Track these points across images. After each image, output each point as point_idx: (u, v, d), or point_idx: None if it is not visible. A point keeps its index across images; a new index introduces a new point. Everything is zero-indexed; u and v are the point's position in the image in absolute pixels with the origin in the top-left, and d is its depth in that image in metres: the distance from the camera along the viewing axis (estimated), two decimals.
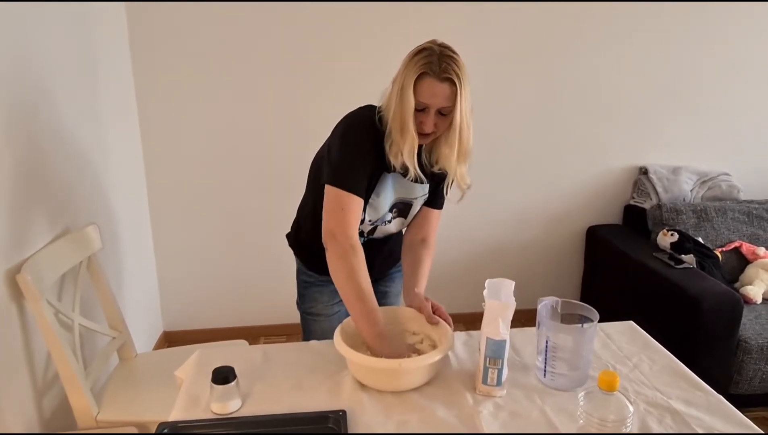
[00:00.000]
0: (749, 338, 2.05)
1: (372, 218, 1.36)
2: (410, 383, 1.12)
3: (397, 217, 1.41)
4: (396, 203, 1.38)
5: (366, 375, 1.13)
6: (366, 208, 1.32)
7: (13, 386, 1.44)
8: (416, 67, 1.17)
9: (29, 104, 1.56)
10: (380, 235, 1.44)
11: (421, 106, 1.18)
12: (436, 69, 1.15)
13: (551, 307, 1.16)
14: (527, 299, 1.52)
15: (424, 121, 1.20)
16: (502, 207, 2.78)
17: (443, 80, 1.16)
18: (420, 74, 1.16)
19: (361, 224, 1.35)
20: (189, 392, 1.11)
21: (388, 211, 1.38)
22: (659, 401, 1.09)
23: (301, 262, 1.53)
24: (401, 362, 1.09)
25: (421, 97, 1.17)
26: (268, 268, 2.70)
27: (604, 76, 2.63)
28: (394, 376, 1.10)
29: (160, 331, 2.71)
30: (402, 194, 1.36)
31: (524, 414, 1.05)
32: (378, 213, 1.36)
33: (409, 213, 1.42)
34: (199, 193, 2.57)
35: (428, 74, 1.16)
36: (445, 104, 1.18)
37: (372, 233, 1.42)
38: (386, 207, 1.36)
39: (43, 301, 1.40)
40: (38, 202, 1.59)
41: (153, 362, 1.83)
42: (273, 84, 2.46)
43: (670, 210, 2.53)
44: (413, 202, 1.39)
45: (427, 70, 1.16)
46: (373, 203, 1.33)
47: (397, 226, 1.43)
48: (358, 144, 1.26)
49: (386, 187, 1.33)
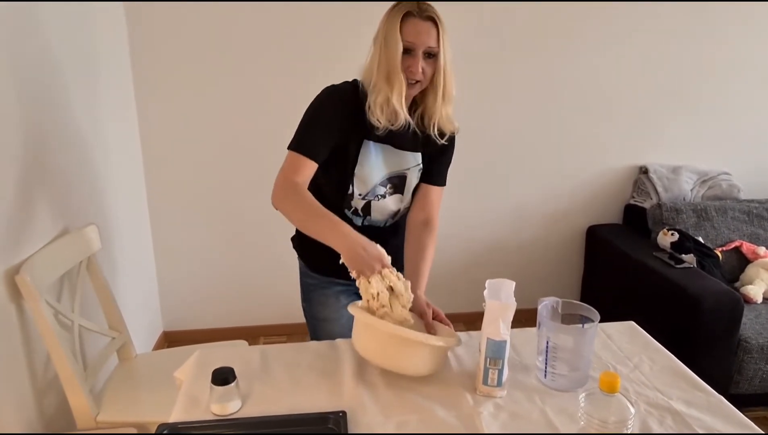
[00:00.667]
0: (749, 338, 2.05)
1: (361, 191, 1.34)
2: (419, 364, 1.10)
3: (394, 193, 1.38)
4: (390, 178, 1.36)
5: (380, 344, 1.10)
6: (353, 181, 1.31)
7: (12, 387, 1.43)
8: (398, 12, 1.21)
9: (28, 104, 1.56)
10: (380, 218, 1.40)
11: (408, 47, 1.21)
12: (417, 10, 1.20)
13: (552, 307, 1.16)
14: (527, 298, 1.51)
15: (411, 64, 1.21)
16: (502, 206, 2.78)
17: (426, 19, 1.21)
18: (404, 15, 1.20)
19: (352, 199, 1.34)
20: (189, 393, 1.11)
21: (380, 185, 1.35)
22: (660, 402, 1.09)
23: (305, 263, 1.50)
24: (428, 337, 1.08)
25: (408, 36, 1.20)
26: (267, 267, 2.70)
27: (604, 75, 2.63)
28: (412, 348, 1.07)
29: (160, 331, 2.71)
30: (394, 167, 1.35)
31: (525, 415, 1.05)
32: (366, 185, 1.33)
33: (405, 187, 1.39)
34: (198, 193, 2.56)
35: (412, 14, 1.20)
36: (430, 43, 1.21)
37: (368, 212, 1.38)
38: (375, 179, 1.33)
39: (42, 301, 1.40)
40: (37, 202, 1.59)
41: (153, 363, 1.83)
42: (273, 83, 2.46)
43: (671, 209, 2.52)
44: (407, 174, 1.37)
45: (410, 10, 1.20)
46: (358, 174, 1.31)
47: (395, 202, 1.40)
48: (324, 108, 1.28)
49: (372, 157, 1.31)
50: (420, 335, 1.08)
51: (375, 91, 1.23)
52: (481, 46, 2.52)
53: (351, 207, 1.36)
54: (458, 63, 2.54)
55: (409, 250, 1.39)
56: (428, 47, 1.22)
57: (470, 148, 2.66)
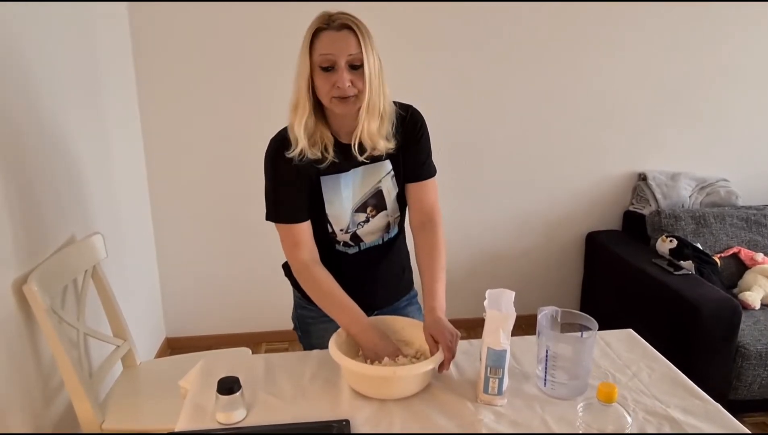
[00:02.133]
0: (748, 344, 2.06)
1: (341, 227, 1.27)
2: (404, 391, 1.13)
3: (376, 213, 1.29)
4: (367, 201, 1.27)
5: (359, 382, 1.14)
6: (329, 221, 1.27)
7: (19, 394, 1.45)
8: (308, 32, 1.11)
9: (33, 114, 1.58)
10: (374, 239, 1.34)
11: (327, 63, 1.09)
12: (329, 22, 1.10)
13: (551, 316, 1.18)
14: (527, 305, 1.53)
15: (337, 80, 1.09)
16: (501, 213, 2.80)
17: (340, 28, 1.09)
18: (315, 32, 1.10)
19: (336, 236, 1.30)
20: (194, 402, 1.13)
21: (358, 213, 1.27)
22: (658, 410, 1.10)
23: (301, 294, 1.39)
24: (395, 370, 1.10)
25: (321, 50, 1.09)
26: (269, 274, 2.70)
27: (603, 83, 2.66)
28: (387, 383, 1.11)
29: (163, 338, 2.72)
30: (364, 188, 1.26)
31: (525, 423, 1.07)
32: (342, 220, 1.27)
33: (386, 201, 1.29)
34: (200, 201, 2.58)
35: (323, 29, 1.10)
36: (351, 51, 1.08)
37: (359, 240, 1.32)
38: (349, 209, 1.26)
39: (48, 310, 1.42)
40: (44, 212, 1.61)
41: (157, 370, 1.85)
42: (279, 92, 2.48)
43: (669, 216, 2.54)
44: (381, 187, 1.27)
45: (321, 25, 1.10)
46: (330, 213, 1.25)
47: (382, 219, 1.31)
48: (273, 173, 1.23)
49: (337, 189, 1.23)
50: (400, 370, 1.10)
51: (288, 123, 1.18)
52: (481, 54, 2.55)
53: (339, 242, 1.32)
54: (457, 69, 2.58)
55: (420, 264, 1.31)
56: (349, 56, 1.09)
57: (470, 156, 2.69)
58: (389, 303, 1.46)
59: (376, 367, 1.13)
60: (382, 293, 1.43)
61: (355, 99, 1.13)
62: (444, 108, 2.54)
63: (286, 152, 1.18)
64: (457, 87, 2.57)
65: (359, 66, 1.10)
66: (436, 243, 1.31)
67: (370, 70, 1.10)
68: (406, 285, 1.50)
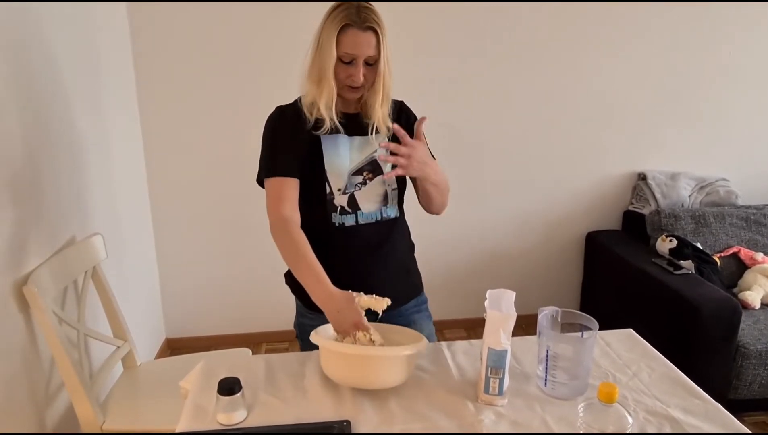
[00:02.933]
0: (748, 344, 2.07)
1: (339, 186, 1.31)
2: (382, 378, 1.11)
3: (373, 177, 1.34)
4: (363, 166, 1.33)
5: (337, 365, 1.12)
6: (327, 179, 1.30)
7: (19, 396, 1.45)
8: (337, 20, 1.20)
9: (33, 115, 1.58)
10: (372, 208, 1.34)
11: (348, 58, 1.22)
12: (357, 20, 1.19)
13: (551, 316, 1.18)
14: (527, 305, 1.53)
15: (353, 73, 1.23)
16: (501, 213, 2.80)
17: (366, 30, 1.20)
18: (342, 27, 1.19)
19: (334, 198, 1.31)
20: (195, 403, 1.13)
21: (355, 175, 1.32)
22: (658, 410, 1.10)
23: (302, 301, 1.41)
24: (369, 349, 1.09)
25: (347, 48, 1.21)
26: (269, 275, 2.71)
27: (603, 83, 2.66)
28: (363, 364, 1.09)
29: (163, 338, 2.73)
30: (361, 155, 1.33)
31: (525, 423, 1.07)
32: (341, 177, 1.31)
33: (382, 169, 1.35)
34: (200, 201, 2.58)
35: (351, 25, 1.19)
36: (371, 53, 1.22)
37: (356, 206, 1.32)
38: (345, 169, 1.31)
39: (48, 312, 1.42)
40: (43, 213, 1.61)
41: (157, 371, 1.85)
42: (279, 90, 2.47)
43: (669, 216, 2.55)
44: (375, 157, 1.34)
45: (349, 21, 1.19)
46: (329, 169, 1.30)
47: (379, 185, 1.34)
48: (275, 127, 1.32)
49: (337, 149, 1.31)
50: (384, 350, 1.09)
51: (305, 93, 1.29)
52: (480, 54, 2.55)
53: (336, 208, 1.32)
54: (457, 69, 2.59)
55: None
56: (368, 56, 1.22)
57: (470, 156, 2.70)
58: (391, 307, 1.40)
59: (353, 346, 1.10)
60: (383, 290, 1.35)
61: (362, 89, 1.28)
62: (443, 108, 2.54)
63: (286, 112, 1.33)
64: (456, 87, 2.57)
65: (374, 63, 1.24)
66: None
67: (384, 67, 1.25)
68: (412, 288, 1.47)
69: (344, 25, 1.19)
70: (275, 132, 1.32)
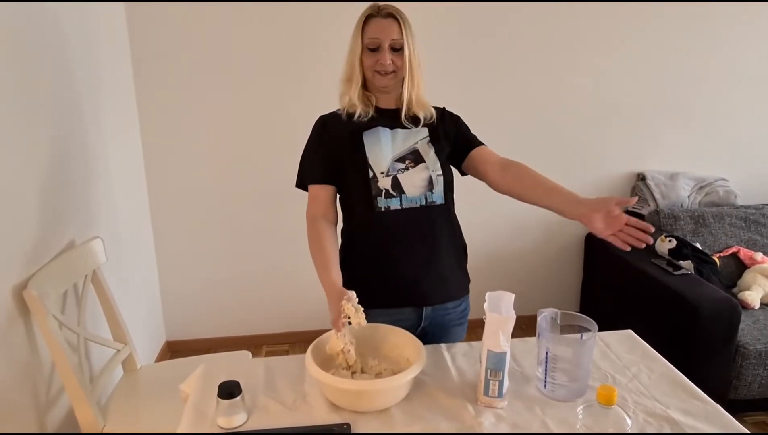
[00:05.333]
0: (748, 344, 2.07)
1: (382, 169, 1.33)
2: (381, 404, 1.10)
3: (416, 164, 1.35)
4: (405, 155, 1.36)
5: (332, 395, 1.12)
6: (370, 164, 1.34)
7: (20, 400, 1.45)
8: (361, 18, 1.35)
9: (30, 118, 1.58)
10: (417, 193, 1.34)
11: (373, 45, 1.32)
12: (377, 10, 1.34)
13: (551, 318, 1.18)
14: (526, 306, 1.54)
15: (381, 59, 1.32)
16: (501, 214, 2.80)
17: (386, 16, 1.33)
18: (365, 18, 1.34)
19: (378, 181, 1.32)
20: (195, 406, 1.13)
21: (396, 162, 1.34)
22: (658, 411, 1.10)
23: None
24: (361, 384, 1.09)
25: (371, 33, 1.32)
26: (269, 277, 2.72)
27: (602, 83, 2.66)
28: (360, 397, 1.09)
29: (163, 341, 2.73)
30: (402, 146, 1.37)
31: (525, 425, 1.07)
32: (383, 161, 1.34)
33: (424, 157, 1.37)
34: (200, 204, 2.59)
35: (372, 15, 1.33)
36: (394, 36, 1.31)
37: (401, 190, 1.33)
38: (388, 155, 1.35)
39: (49, 316, 1.42)
40: (43, 217, 1.61)
41: (157, 374, 1.85)
42: (278, 92, 2.49)
43: (668, 216, 2.55)
44: (417, 147, 1.38)
45: (371, 12, 1.34)
46: (371, 154, 1.35)
47: (423, 170, 1.35)
48: (312, 136, 1.43)
49: (377, 142, 1.36)
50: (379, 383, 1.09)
51: (342, 93, 1.40)
52: (480, 53, 2.55)
53: (381, 191, 1.33)
54: (455, 69, 2.58)
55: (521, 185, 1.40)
56: (392, 40, 1.31)
57: None
58: (438, 300, 1.39)
59: (350, 381, 1.11)
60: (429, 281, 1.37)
61: (393, 75, 1.34)
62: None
63: (325, 118, 1.43)
64: (455, 87, 2.57)
65: (400, 49, 1.33)
66: (527, 167, 1.41)
67: (409, 51, 1.33)
68: (459, 286, 1.45)
69: (367, 16, 1.33)
70: (309, 142, 1.43)
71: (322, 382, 1.10)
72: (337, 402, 1.11)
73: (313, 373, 1.09)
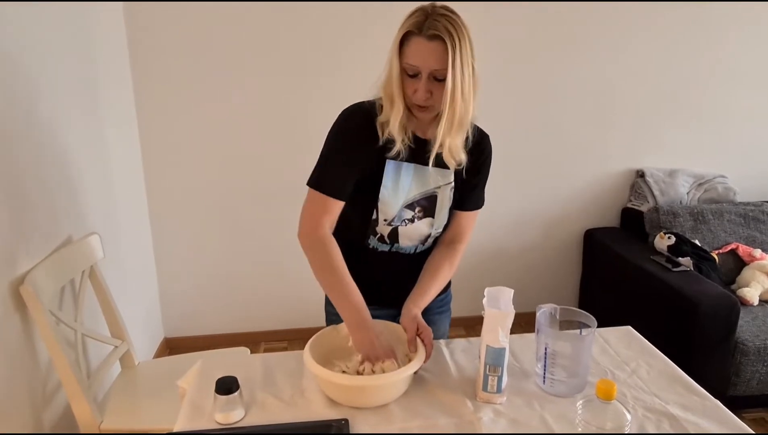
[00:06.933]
0: (746, 340, 2.07)
1: (386, 217, 1.24)
2: (378, 400, 1.10)
3: (424, 216, 1.26)
4: (418, 200, 1.24)
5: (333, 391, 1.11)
6: (377, 206, 1.23)
7: (17, 396, 1.45)
8: (404, 27, 1.08)
9: (29, 115, 1.57)
10: (409, 244, 1.30)
11: (411, 71, 1.09)
12: (422, 27, 1.05)
13: (550, 314, 1.18)
14: (525, 302, 1.53)
15: (418, 88, 1.09)
16: (500, 210, 2.80)
17: (431, 38, 1.05)
18: (405, 34, 1.08)
19: (377, 226, 1.25)
20: (192, 402, 1.12)
21: (407, 209, 1.24)
22: (657, 406, 1.10)
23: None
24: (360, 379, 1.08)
25: (409, 58, 1.08)
26: (267, 274, 2.71)
27: (601, 80, 2.66)
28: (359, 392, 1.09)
29: (161, 338, 2.72)
30: (422, 187, 1.24)
31: (524, 421, 1.07)
32: (392, 209, 1.23)
33: (437, 209, 1.27)
34: (198, 200, 2.58)
35: (414, 33, 1.06)
36: (436, 66, 1.06)
37: (395, 239, 1.28)
38: (402, 201, 1.23)
39: (46, 311, 1.41)
40: (40, 212, 1.60)
41: (155, 371, 1.84)
42: (276, 89, 2.48)
43: (667, 213, 2.55)
44: (437, 193, 1.25)
45: (413, 29, 1.06)
46: (383, 198, 1.22)
47: (426, 226, 1.28)
48: (342, 137, 1.21)
49: (396, 177, 1.21)
50: (376, 378, 1.08)
51: (380, 110, 1.18)
52: (479, 52, 2.53)
53: (376, 234, 1.27)
54: None
55: (429, 265, 1.31)
56: (434, 70, 1.07)
57: None
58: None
59: (348, 377, 1.10)
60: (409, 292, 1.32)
61: (433, 108, 1.14)
62: None
63: (359, 123, 1.19)
64: None
65: (443, 79, 1.08)
66: (454, 258, 1.33)
67: (454, 84, 1.07)
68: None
69: (407, 32, 1.07)
70: (337, 142, 1.21)
71: (320, 377, 1.09)
72: (336, 398, 1.11)
73: (311, 369, 1.09)
